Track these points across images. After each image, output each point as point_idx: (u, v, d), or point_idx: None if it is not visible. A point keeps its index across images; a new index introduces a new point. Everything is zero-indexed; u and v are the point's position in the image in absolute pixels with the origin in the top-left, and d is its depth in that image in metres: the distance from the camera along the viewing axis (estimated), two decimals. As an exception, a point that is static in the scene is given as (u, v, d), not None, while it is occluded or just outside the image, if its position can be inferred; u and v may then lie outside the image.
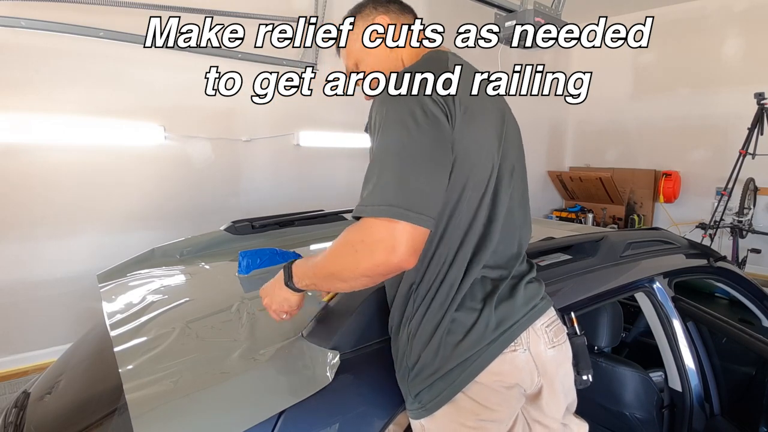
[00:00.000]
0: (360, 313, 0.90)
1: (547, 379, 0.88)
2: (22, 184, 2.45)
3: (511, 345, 0.83)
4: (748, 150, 3.98)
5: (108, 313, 1.12)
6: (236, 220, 1.72)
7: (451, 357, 0.81)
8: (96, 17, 2.50)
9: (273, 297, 0.90)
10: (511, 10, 2.32)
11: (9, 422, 1.05)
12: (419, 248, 0.73)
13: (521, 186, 0.94)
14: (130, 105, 2.73)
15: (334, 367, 0.81)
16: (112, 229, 2.76)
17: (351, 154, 3.86)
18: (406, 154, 0.74)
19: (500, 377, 0.82)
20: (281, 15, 3.19)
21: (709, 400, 1.45)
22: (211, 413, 0.73)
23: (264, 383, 0.80)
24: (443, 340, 0.82)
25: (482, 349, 0.81)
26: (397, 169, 0.73)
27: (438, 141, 0.76)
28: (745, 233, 4.07)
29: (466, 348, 0.81)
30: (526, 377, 0.85)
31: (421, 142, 0.74)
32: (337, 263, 0.76)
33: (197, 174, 3.05)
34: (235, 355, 0.87)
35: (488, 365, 0.81)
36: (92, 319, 1.40)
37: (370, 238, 0.71)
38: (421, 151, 0.74)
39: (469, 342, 0.81)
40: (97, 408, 0.96)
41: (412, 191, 0.71)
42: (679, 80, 4.84)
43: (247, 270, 1.34)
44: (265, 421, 0.72)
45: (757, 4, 4.37)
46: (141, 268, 1.45)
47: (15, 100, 2.38)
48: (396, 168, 0.73)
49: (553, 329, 0.90)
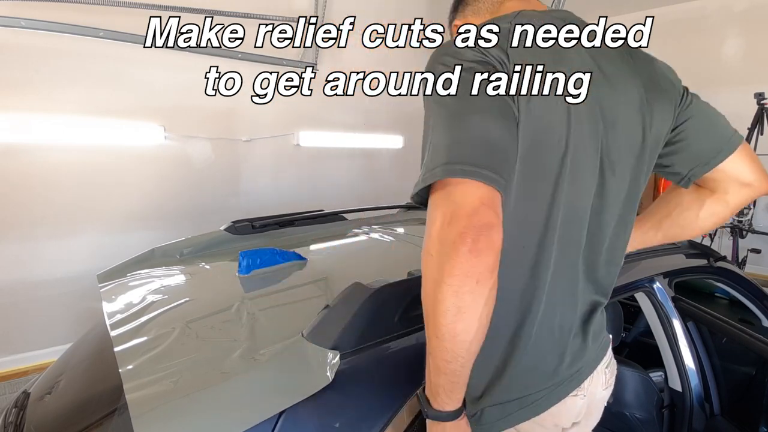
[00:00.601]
0: (360, 313, 0.90)
1: (586, 420, 0.81)
2: (22, 184, 2.45)
3: (576, 389, 0.74)
4: (748, 150, 3.98)
5: (108, 313, 1.12)
6: (236, 220, 1.72)
7: (515, 387, 0.72)
8: (96, 17, 2.51)
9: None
10: (511, 10, 2.32)
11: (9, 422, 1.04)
12: (492, 204, 0.56)
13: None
14: (130, 105, 2.73)
15: (334, 367, 0.81)
16: (112, 229, 2.76)
17: (351, 154, 3.86)
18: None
19: (553, 419, 0.74)
20: (281, 15, 3.19)
21: (709, 400, 1.45)
22: (211, 413, 0.73)
23: (264, 383, 0.80)
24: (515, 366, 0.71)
25: (551, 387, 0.72)
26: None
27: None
28: (745, 233, 4.07)
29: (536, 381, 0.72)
30: (571, 419, 0.77)
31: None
32: (429, 292, 0.57)
33: (197, 174, 3.05)
34: (235, 355, 0.87)
35: (551, 407, 0.72)
36: (92, 319, 1.40)
37: (431, 219, 0.57)
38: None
39: (540, 375, 0.72)
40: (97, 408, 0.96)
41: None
42: (679, 80, 4.84)
43: (247, 270, 1.34)
44: (265, 421, 0.72)
45: (757, 4, 4.37)
46: (141, 268, 1.45)
47: (15, 100, 2.38)
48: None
49: (611, 368, 0.82)
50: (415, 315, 0.97)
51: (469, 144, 0.58)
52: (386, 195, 4.02)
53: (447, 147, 0.58)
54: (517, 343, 0.70)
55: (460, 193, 0.55)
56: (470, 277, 0.53)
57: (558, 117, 0.65)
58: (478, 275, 0.54)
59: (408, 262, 1.15)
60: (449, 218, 0.55)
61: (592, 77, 0.67)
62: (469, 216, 0.54)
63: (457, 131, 0.59)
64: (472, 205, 0.54)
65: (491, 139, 0.58)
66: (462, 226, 0.54)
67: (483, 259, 0.53)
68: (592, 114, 0.67)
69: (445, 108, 0.61)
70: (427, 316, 0.59)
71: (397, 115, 4.11)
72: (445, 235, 0.54)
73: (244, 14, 3.00)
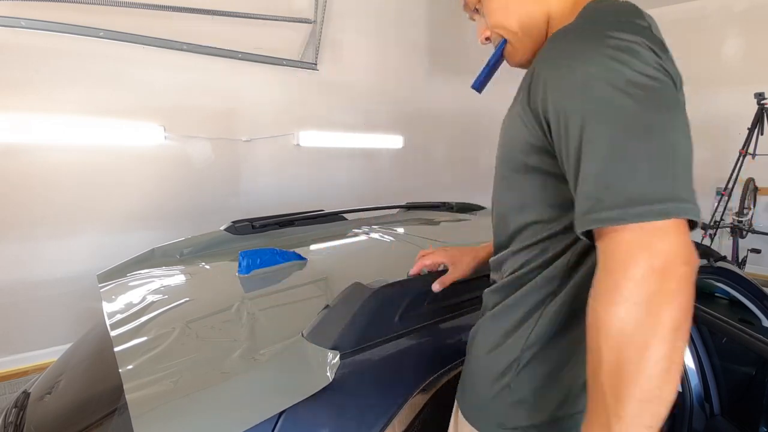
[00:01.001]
0: (360, 313, 0.90)
1: None
2: (22, 184, 2.45)
3: None
4: (748, 150, 3.98)
5: (108, 313, 1.12)
6: (236, 220, 1.72)
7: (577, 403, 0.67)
8: (96, 17, 2.50)
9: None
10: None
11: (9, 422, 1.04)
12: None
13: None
14: (130, 105, 2.73)
15: (334, 367, 0.81)
16: (112, 229, 2.76)
17: (351, 154, 3.86)
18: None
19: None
20: (281, 15, 3.19)
21: (709, 400, 1.45)
22: (211, 413, 0.73)
23: (264, 383, 0.80)
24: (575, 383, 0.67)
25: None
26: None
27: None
28: (745, 233, 4.07)
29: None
30: None
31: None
32: (631, 349, 0.49)
33: (197, 174, 3.05)
34: (235, 355, 0.87)
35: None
36: (92, 319, 1.40)
37: (629, 258, 0.49)
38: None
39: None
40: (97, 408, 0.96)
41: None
42: (679, 80, 4.84)
43: (247, 270, 1.34)
44: (265, 421, 0.72)
45: (757, 4, 4.37)
46: (141, 268, 1.45)
47: (15, 100, 2.38)
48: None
49: None
50: (414, 315, 0.97)
51: (689, 174, 0.51)
52: (386, 195, 4.02)
53: (669, 174, 0.49)
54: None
55: (678, 236, 0.48)
56: (685, 332, 0.48)
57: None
58: (687, 329, 0.49)
59: (408, 262, 1.15)
60: (665, 264, 0.47)
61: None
62: (688, 264, 0.48)
63: (676, 152, 0.50)
64: (690, 251, 0.49)
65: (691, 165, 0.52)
66: (681, 276, 0.48)
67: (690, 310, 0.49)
68: None
69: (651, 113, 0.51)
70: (619, 376, 0.49)
71: (397, 115, 4.11)
72: (660, 285, 0.47)
73: (244, 14, 3.01)
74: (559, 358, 0.68)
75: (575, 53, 0.57)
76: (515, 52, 0.77)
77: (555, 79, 0.59)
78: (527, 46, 0.75)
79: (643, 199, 0.49)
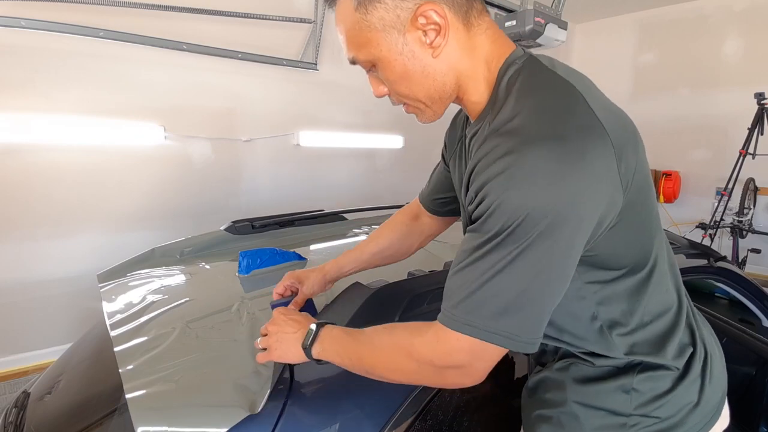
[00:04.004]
0: (360, 313, 0.90)
1: None
2: (23, 184, 2.45)
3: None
4: (748, 150, 3.98)
5: (108, 313, 1.12)
6: (236, 220, 1.72)
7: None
8: (96, 17, 2.50)
9: (280, 345, 0.77)
10: (511, 10, 2.32)
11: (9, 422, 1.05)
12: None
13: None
14: (130, 105, 2.73)
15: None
16: (112, 229, 2.76)
17: (351, 154, 3.86)
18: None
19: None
20: (281, 15, 3.19)
21: (709, 400, 1.44)
22: (211, 413, 0.73)
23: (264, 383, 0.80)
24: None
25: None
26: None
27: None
28: (745, 233, 4.07)
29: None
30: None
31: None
32: (386, 368, 0.68)
33: (197, 174, 3.05)
34: (235, 355, 0.87)
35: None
36: (92, 319, 1.40)
37: (443, 362, 0.62)
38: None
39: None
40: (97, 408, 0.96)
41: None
42: (679, 80, 4.84)
43: (247, 270, 1.34)
44: (266, 422, 0.72)
45: (757, 4, 4.37)
46: (141, 268, 1.45)
47: (15, 100, 2.38)
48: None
49: None
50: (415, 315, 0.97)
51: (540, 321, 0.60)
52: (386, 195, 4.02)
53: (523, 316, 0.59)
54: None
55: (489, 359, 0.62)
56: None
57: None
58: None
59: (408, 262, 1.15)
60: (468, 373, 0.63)
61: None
62: (474, 381, 0.63)
63: (536, 301, 0.59)
64: (487, 368, 0.63)
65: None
66: (462, 382, 0.64)
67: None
68: None
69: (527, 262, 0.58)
70: (381, 357, 0.69)
71: (397, 115, 4.11)
72: (447, 377, 0.64)
73: (244, 14, 3.00)
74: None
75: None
76: (425, 115, 0.73)
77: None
78: (439, 111, 0.72)
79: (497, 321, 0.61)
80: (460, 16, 0.64)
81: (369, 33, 0.64)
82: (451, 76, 0.66)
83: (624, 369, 0.71)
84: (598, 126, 0.57)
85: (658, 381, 0.71)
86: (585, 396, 0.73)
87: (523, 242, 0.55)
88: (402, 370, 0.66)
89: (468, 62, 0.66)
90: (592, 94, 0.61)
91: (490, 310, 0.57)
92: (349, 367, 0.72)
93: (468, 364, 0.61)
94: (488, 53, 0.67)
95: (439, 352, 0.62)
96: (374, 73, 0.70)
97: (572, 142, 0.55)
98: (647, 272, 0.69)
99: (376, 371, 0.69)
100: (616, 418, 0.71)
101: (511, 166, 0.55)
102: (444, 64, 0.65)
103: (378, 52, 0.65)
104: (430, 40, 0.63)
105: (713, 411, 0.75)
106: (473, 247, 0.59)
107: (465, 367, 0.61)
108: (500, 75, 0.66)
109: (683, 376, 0.72)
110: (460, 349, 0.60)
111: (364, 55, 0.66)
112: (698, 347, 0.76)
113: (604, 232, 0.62)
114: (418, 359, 0.64)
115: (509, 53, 0.66)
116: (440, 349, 0.61)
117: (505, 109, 0.61)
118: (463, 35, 0.65)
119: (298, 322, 0.79)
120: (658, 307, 0.72)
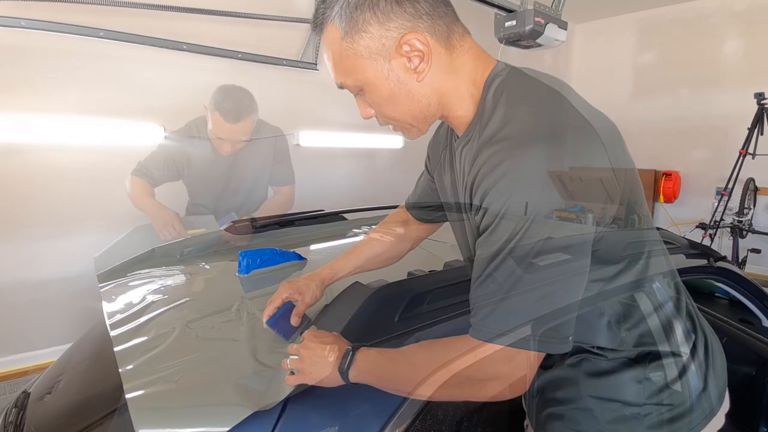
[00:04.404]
0: (360, 313, 0.90)
1: None
2: (23, 184, 2.45)
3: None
4: (748, 150, 3.98)
5: (108, 313, 1.12)
6: (236, 220, 1.72)
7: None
8: (96, 17, 2.50)
9: (314, 368, 0.75)
10: (511, 10, 2.32)
11: (9, 422, 1.04)
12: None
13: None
14: (130, 105, 2.72)
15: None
16: (112, 229, 2.75)
17: (351, 154, 3.86)
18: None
19: None
20: (281, 15, 3.19)
21: (709, 400, 1.44)
22: (211, 413, 0.73)
23: (264, 383, 0.80)
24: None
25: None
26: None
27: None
28: (745, 233, 4.07)
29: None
30: None
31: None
32: (426, 387, 0.68)
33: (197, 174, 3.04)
34: (235, 355, 0.87)
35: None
36: (92, 319, 1.40)
37: (483, 375, 0.63)
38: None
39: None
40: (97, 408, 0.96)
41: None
42: (679, 80, 4.84)
43: (247, 270, 1.34)
44: (266, 421, 0.72)
45: (757, 4, 4.37)
46: (141, 268, 1.45)
47: (15, 100, 2.38)
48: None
49: None
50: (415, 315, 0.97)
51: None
52: (386, 195, 4.02)
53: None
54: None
55: (528, 366, 0.62)
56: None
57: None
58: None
59: (408, 262, 1.15)
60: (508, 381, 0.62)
61: None
62: (521, 384, 0.63)
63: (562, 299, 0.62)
64: (529, 376, 0.62)
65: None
66: (503, 395, 0.63)
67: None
68: None
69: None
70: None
71: (397, 115, 4.11)
72: (490, 390, 0.64)
73: (244, 14, 3.00)
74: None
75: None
76: (411, 133, 0.77)
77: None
78: (424, 128, 0.76)
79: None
80: (442, 41, 0.68)
81: (356, 60, 0.68)
82: (435, 97, 0.70)
83: (636, 359, 0.73)
84: (587, 125, 0.60)
85: (668, 369, 0.73)
86: (599, 389, 0.75)
87: (536, 243, 0.57)
88: (443, 388, 0.66)
89: (451, 82, 0.70)
90: (574, 98, 0.64)
91: (518, 317, 0.58)
92: (386, 388, 0.72)
93: (508, 373, 0.61)
94: (471, 70, 0.71)
95: (477, 366, 0.62)
96: (362, 96, 0.74)
97: (566, 142, 0.58)
98: (644, 264, 0.72)
99: (415, 391, 0.69)
100: (630, 408, 0.72)
101: (511, 171, 0.57)
102: (428, 87, 0.69)
103: (365, 78, 0.69)
104: (414, 66, 0.67)
105: (717, 398, 0.78)
106: (489, 257, 0.60)
107: (506, 378, 0.62)
108: (486, 88, 0.69)
109: (690, 361, 0.75)
110: (497, 360, 0.60)
111: (352, 80, 0.70)
112: (699, 334, 0.79)
113: (607, 224, 0.64)
114: (458, 376, 0.64)
115: (492, 67, 0.71)
116: (478, 363, 0.62)
117: (495, 119, 0.64)
118: (445, 59, 0.69)
119: (332, 345, 0.78)
120: (660, 296, 0.75)
